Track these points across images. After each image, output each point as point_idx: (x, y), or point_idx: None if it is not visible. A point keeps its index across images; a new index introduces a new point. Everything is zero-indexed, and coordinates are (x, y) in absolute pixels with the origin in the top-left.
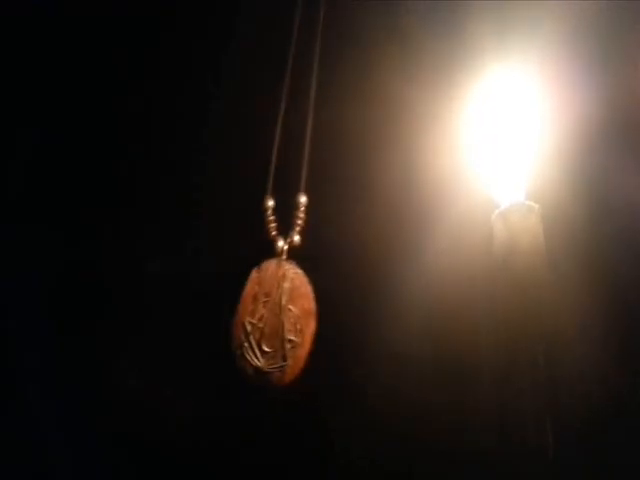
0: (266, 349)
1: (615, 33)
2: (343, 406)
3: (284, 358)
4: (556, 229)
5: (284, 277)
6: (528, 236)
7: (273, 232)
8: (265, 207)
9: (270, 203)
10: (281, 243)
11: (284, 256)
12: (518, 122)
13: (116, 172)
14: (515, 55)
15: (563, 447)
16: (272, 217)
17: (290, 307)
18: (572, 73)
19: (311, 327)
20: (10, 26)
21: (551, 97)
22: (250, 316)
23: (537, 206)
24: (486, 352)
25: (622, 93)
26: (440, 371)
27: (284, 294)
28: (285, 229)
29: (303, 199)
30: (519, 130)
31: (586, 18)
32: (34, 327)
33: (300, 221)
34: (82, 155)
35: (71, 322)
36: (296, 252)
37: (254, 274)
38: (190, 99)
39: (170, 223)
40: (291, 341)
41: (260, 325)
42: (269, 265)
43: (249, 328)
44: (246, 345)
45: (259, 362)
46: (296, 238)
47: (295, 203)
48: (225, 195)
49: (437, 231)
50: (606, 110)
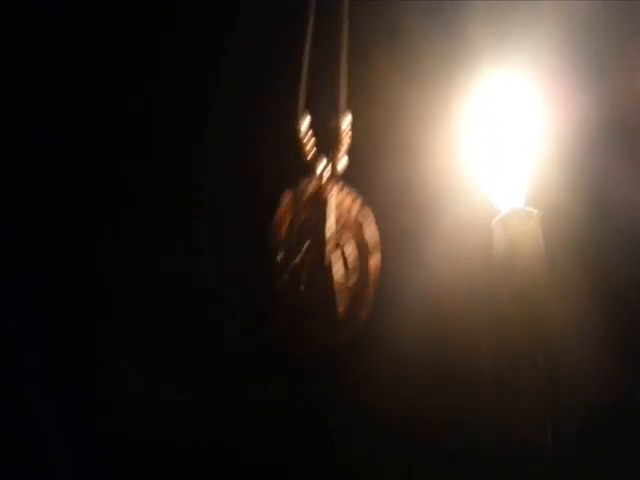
0: (306, 293)
1: (615, 35)
2: (343, 406)
3: (333, 304)
4: (556, 234)
5: (327, 203)
6: (528, 241)
7: (311, 153)
8: (299, 124)
9: (306, 120)
10: (322, 164)
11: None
12: (518, 126)
13: (116, 172)
14: (515, 58)
15: (563, 447)
16: (308, 135)
17: (339, 239)
18: (571, 76)
19: (372, 263)
20: (10, 26)
21: (550, 101)
22: (284, 250)
23: (537, 211)
24: (486, 354)
25: (622, 97)
26: (440, 373)
27: (328, 222)
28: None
29: (347, 120)
30: (519, 134)
31: (585, 20)
32: (34, 327)
33: (343, 143)
34: (82, 155)
35: (71, 322)
36: None
37: (287, 196)
38: (190, 98)
39: (171, 222)
40: (342, 284)
41: (296, 261)
42: (309, 185)
43: (285, 266)
44: (280, 288)
45: (300, 314)
46: (342, 160)
47: (336, 125)
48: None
49: (437, 235)
50: (606, 114)
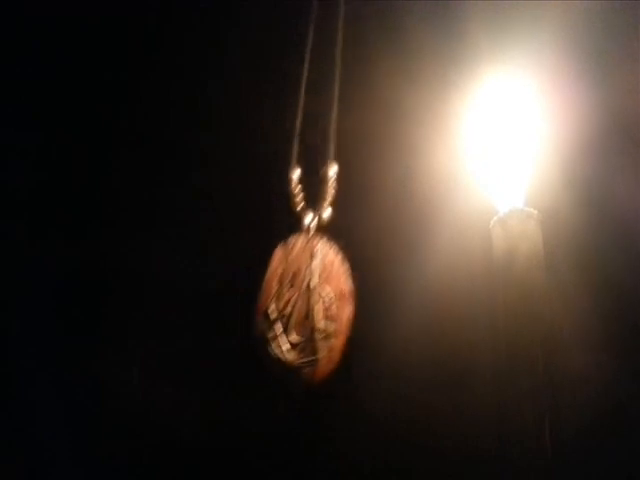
0: (294, 340)
1: (614, 36)
2: (343, 407)
3: (314, 351)
4: (555, 235)
5: (313, 255)
6: (527, 242)
7: (300, 205)
8: (290, 178)
9: (296, 174)
10: (309, 218)
11: (312, 232)
12: (517, 127)
13: (116, 172)
14: (514, 59)
15: (562, 449)
16: (298, 189)
17: (321, 290)
18: (571, 77)
19: (347, 312)
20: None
21: (550, 101)
22: (275, 301)
23: (536, 212)
24: (486, 355)
25: (621, 99)
26: (440, 373)
27: (314, 274)
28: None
29: (333, 170)
30: (518, 135)
31: (585, 22)
32: (34, 327)
33: (329, 194)
34: (82, 155)
35: (71, 322)
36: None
37: (279, 251)
38: (183, 99)
39: (173, 217)
40: (323, 330)
41: (287, 311)
42: (296, 241)
43: (274, 315)
44: (270, 335)
45: (287, 355)
46: (326, 212)
47: (323, 175)
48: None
49: (436, 236)
50: (605, 115)
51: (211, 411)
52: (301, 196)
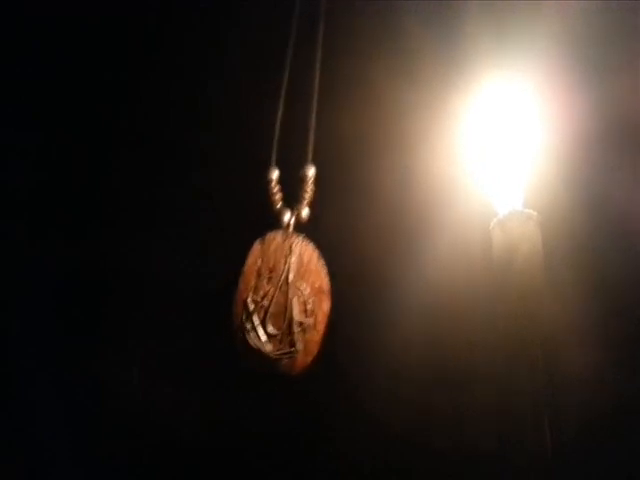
0: (272, 331)
1: (614, 36)
2: (342, 407)
3: (292, 343)
4: (554, 236)
5: (291, 250)
6: (526, 243)
7: (278, 204)
8: (269, 178)
9: (275, 174)
10: (288, 216)
11: (291, 229)
12: (517, 129)
13: (116, 172)
14: (514, 59)
15: (562, 449)
16: (277, 189)
17: (299, 285)
18: (571, 78)
19: (324, 307)
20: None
21: (550, 104)
22: (253, 293)
23: (535, 214)
24: (486, 356)
25: (621, 100)
26: (439, 374)
27: (292, 269)
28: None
29: (311, 171)
30: (518, 136)
31: (584, 24)
32: (34, 327)
33: (308, 193)
34: (82, 155)
35: (71, 322)
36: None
37: (257, 246)
38: (187, 93)
39: (166, 222)
40: (301, 324)
41: (264, 303)
42: (274, 237)
43: (251, 307)
44: (248, 326)
45: (264, 347)
46: (304, 211)
47: (302, 175)
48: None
49: (436, 238)
50: (605, 117)
51: (211, 411)
52: (279, 195)
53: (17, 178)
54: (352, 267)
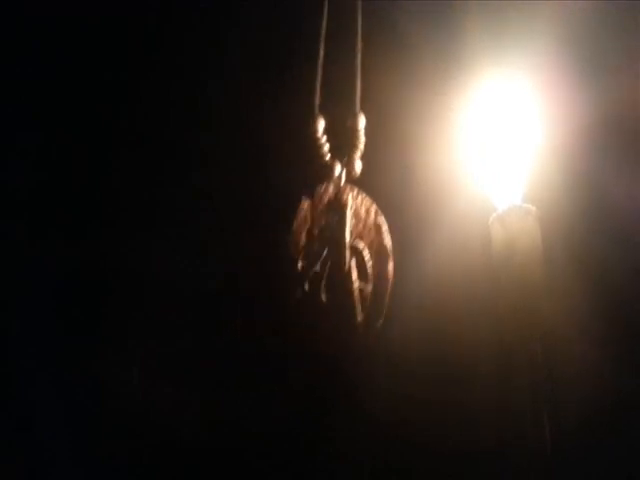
0: (328, 301)
1: (613, 35)
2: (342, 406)
3: (353, 314)
4: (554, 231)
5: (346, 204)
6: (526, 239)
7: (327, 156)
8: (315, 128)
9: (321, 124)
10: (339, 168)
11: (342, 183)
12: (516, 125)
13: (116, 172)
14: (513, 58)
15: (562, 445)
16: (324, 139)
17: (357, 245)
18: (571, 76)
19: (388, 270)
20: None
21: (549, 99)
22: (304, 257)
23: (535, 209)
24: (485, 352)
25: (620, 96)
26: (438, 370)
27: (347, 227)
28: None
29: (362, 121)
30: (517, 132)
31: (584, 21)
32: (34, 327)
33: (360, 144)
34: (82, 155)
35: (71, 322)
36: None
37: (305, 202)
38: (199, 97)
39: (175, 221)
40: (361, 291)
41: (318, 269)
42: (325, 190)
43: (304, 271)
44: (299, 297)
45: (321, 320)
46: (357, 164)
47: (352, 125)
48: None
49: (435, 233)
50: (604, 113)
51: (211, 411)
52: (327, 146)
53: (17, 178)
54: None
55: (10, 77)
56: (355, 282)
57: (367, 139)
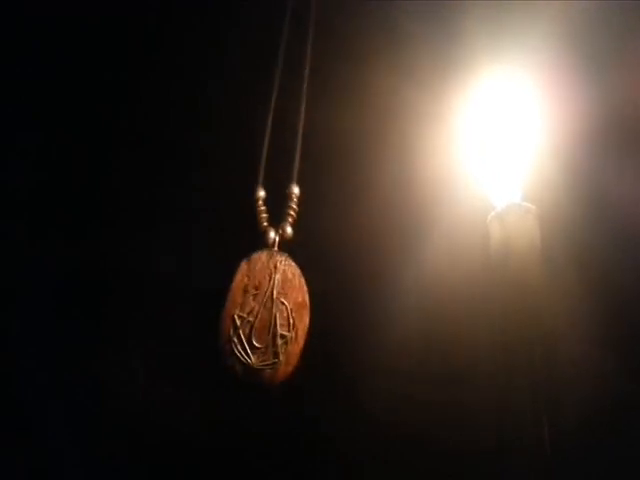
0: (256, 345)
1: (613, 35)
2: (341, 406)
3: (276, 355)
4: (552, 230)
5: (276, 269)
6: (524, 237)
7: (264, 223)
8: (256, 197)
9: (261, 193)
10: (273, 234)
11: (275, 247)
12: (515, 123)
13: (116, 172)
14: (513, 56)
15: (561, 446)
16: (263, 207)
17: (282, 300)
18: (570, 74)
19: (304, 321)
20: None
21: (548, 98)
22: (239, 309)
23: (533, 207)
24: (484, 351)
25: (620, 94)
26: (438, 372)
27: (276, 286)
28: (277, 221)
29: (296, 190)
30: (516, 131)
31: (584, 20)
32: (34, 327)
33: (292, 212)
34: (82, 155)
35: (71, 322)
36: (287, 245)
37: (243, 265)
38: (187, 93)
39: (166, 223)
40: (283, 336)
41: (250, 319)
42: (260, 256)
43: (238, 322)
44: (235, 340)
45: (249, 359)
46: (288, 229)
47: (288, 194)
48: (217, 190)
49: (434, 232)
50: (603, 111)
51: (211, 411)
52: (265, 214)
53: (17, 178)
54: (350, 265)
55: (10, 77)
56: (279, 329)
57: (366, 140)
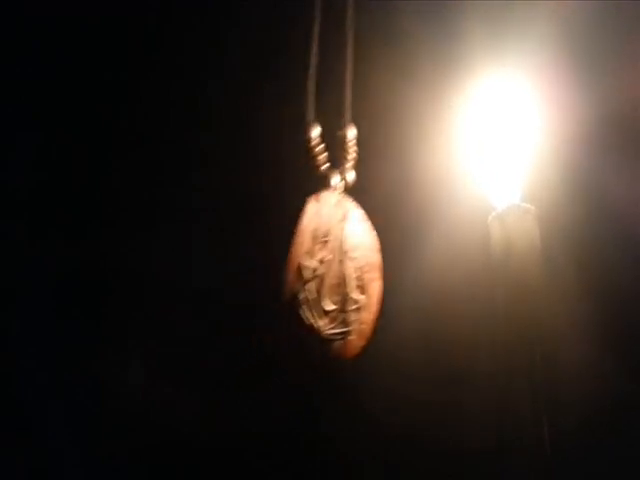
0: (327, 307)
1: (612, 35)
2: (340, 407)
3: (346, 322)
4: (552, 231)
5: (345, 217)
6: (524, 238)
7: (324, 165)
8: (310, 136)
9: (316, 132)
10: (337, 178)
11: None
12: (515, 124)
13: (116, 172)
14: (512, 57)
15: (561, 446)
16: (320, 148)
17: (354, 256)
18: (569, 75)
19: (377, 286)
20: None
21: (548, 99)
22: (308, 258)
23: (533, 208)
24: (484, 352)
25: (619, 95)
26: (437, 372)
27: (346, 238)
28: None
29: (353, 131)
30: (516, 132)
31: (584, 21)
32: (34, 327)
33: (352, 155)
34: (82, 155)
35: (71, 322)
36: None
37: (312, 204)
38: (187, 93)
39: (174, 222)
40: (356, 301)
41: (320, 272)
42: (328, 198)
43: (307, 273)
44: (302, 297)
45: (319, 322)
46: (351, 174)
47: (342, 136)
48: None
49: (434, 233)
50: (603, 112)
51: (211, 411)
52: (324, 155)
53: (17, 178)
54: None
55: (10, 77)
56: (351, 291)
57: (365, 140)
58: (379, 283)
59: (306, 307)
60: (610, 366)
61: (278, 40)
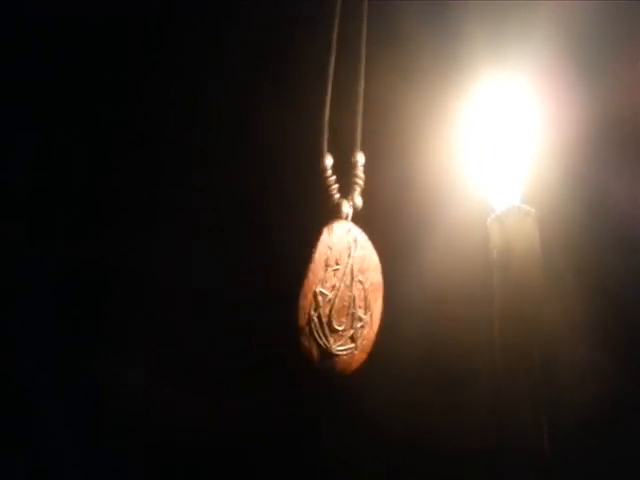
0: (336, 327)
1: (613, 36)
2: (340, 408)
3: (353, 339)
4: (552, 233)
5: (355, 243)
6: (524, 240)
7: (336, 194)
8: (324, 166)
9: (329, 162)
10: (347, 206)
11: (349, 219)
12: (515, 126)
13: (116, 172)
14: (512, 59)
15: (561, 449)
16: (333, 178)
17: (360, 279)
18: (569, 77)
19: (379, 304)
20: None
21: (548, 101)
22: (321, 285)
23: (533, 210)
24: (483, 355)
25: (620, 97)
26: (437, 374)
27: (355, 263)
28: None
29: (362, 158)
30: (515, 133)
31: (584, 22)
32: (34, 327)
33: (360, 181)
34: (82, 155)
35: (71, 322)
36: None
37: (325, 235)
38: (187, 93)
39: (166, 223)
40: (360, 319)
41: (331, 297)
42: (339, 227)
43: (320, 299)
44: (315, 320)
45: (327, 342)
46: (358, 200)
47: (352, 162)
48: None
49: (433, 235)
50: (603, 115)
51: (211, 411)
52: (335, 185)
53: (17, 178)
54: None
55: (10, 77)
56: (357, 311)
57: (365, 142)
58: (381, 302)
59: (319, 329)
60: (610, 368)
61: (278, 40)
